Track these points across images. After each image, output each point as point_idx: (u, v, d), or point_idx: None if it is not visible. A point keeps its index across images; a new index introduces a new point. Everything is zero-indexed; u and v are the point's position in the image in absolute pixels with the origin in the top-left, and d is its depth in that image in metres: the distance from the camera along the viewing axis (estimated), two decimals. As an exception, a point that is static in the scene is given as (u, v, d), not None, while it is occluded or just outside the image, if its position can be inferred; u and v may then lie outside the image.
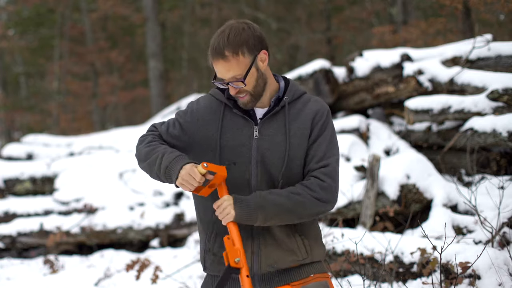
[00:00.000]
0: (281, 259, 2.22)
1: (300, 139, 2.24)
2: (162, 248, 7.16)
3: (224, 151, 2.23)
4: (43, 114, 20.43)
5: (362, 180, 5.59)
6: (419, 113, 5.95)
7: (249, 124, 2.25)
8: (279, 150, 2.22)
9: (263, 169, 2.22)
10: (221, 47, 2.17)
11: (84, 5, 18.31)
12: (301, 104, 2.30)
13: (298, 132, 2.24)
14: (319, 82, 7.27)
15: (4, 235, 7.65)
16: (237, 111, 2.25)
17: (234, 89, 2.20)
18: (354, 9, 17.39)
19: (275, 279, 2.24)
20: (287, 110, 2.26)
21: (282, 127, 2.24)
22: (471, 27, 8.36)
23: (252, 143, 2.23)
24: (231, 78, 2.18)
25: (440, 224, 4.72)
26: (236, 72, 2.17)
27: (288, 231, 2.23)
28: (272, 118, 2.26)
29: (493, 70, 5.93)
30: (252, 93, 2.22)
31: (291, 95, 2.29)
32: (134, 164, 8.13)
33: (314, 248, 2.29)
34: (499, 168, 5.39)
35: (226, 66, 2.17)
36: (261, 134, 2.24)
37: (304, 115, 2.27)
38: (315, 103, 2.31)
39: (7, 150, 9.30)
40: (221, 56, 2.17)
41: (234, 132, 2.24)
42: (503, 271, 3.65)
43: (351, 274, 4.57)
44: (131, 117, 21.15)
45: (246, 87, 2.20)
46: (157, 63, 15.33)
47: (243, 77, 2.17)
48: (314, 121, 2.27)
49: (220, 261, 2.25)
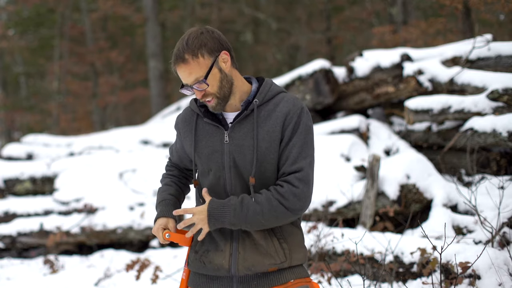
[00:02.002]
0: (259, 262, 2.23)
1: (269, 143, 2.22)
2: (162, 248, 7.16)
3: (201, 159, 2.31)
4: (43, 114, 20.43)
5: (362, 180, 5.59)
6: (419, 113, 5.95)
7: (219, 130, 2.28)
8: (248, 154, 2.23)
9: (236, 173, 2.24)
10: (181, 52, 2.21)
11: (84, 5, 18.31)
12: (272, 105, 2.27)
13: (267, 136, 2.22)
14: (319, 82, 7.27)
15: (4, 235, 7.65)
16: (207, 119, 2.29)
17: (200, 93, 2.22)
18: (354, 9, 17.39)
19: (253, 282, 2.25)
20: (255, 113, 2.25)
21: (250, 131, 2.24)
22: (471, 27, 8.36)
23: (224, 148, 2.25)
24: (193, 81, 2.21)
25: (440, 224, 4.72)
26: (197, 74, 2.20)
27: (266, 235, 2.25)
28: (241, 122, 2.27)
29: (493, 70, 5.94)
30: (217, 95, 2.24)
31: (262, 97, 2.27)
32: (134, 164, 8.13)
33: (293, 252, 2.28)
34: (499, 168, 5.39)
35: (187, 69, 2.21)
36: (231, 139, 2.25)
37: (274, 118, 2.24)
38: (286, 104, 2.26)
39: (7, 150, 9.30)
40: (182, 60, 2.21)
41: (207, 139, 2.30)
42: (503, 271, 3.65)
43: (351, 274, 4.57)
44: (131, 117, 21.15)
45: (210, 89, 2.22)
46: (157, 63, 15.33)
47: (204, 77, 2.20)
48: (285, 123, 2.22)
49: (201, 259, 2.29)
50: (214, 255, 2.25)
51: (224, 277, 2.27)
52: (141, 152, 8.65)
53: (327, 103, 7.34)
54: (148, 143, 9.27)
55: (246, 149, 2.23)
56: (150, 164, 7.93)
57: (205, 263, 2.27)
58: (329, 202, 5.57)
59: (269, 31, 19.81)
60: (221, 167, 2.25)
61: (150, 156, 8.18)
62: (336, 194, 5.60)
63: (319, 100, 7.31)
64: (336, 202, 5.57)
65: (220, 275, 2.27)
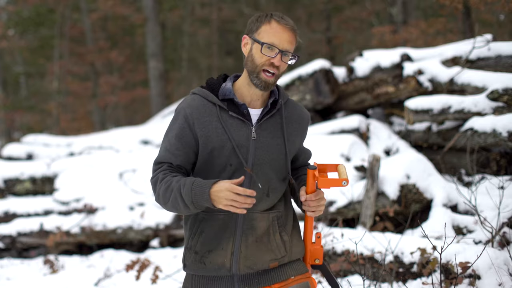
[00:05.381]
0: (260, 260, 2.24)
1: (291, 144, 2.33)
2: (162, 248, 7.15)
3: (222, 152, 2.21)
4: (43, 114, 20.42)
5: (362, 180, 5.59)
6: (419, 113, 5.95)
7: (246, 125, 2.25)
8: (275, 153, 2.26)
9: (258, 170, 2.24)
10: (291, 22, 2.25)
11: (84, 5, 18.30)
12: (291, 109, 2.37)
13: (290, 138, 2.32)
14: (319, 82, 7.27)
15: (4, 235, 7.65)
16: (233, 113, 2.24)
17: (280, 62, 2.21)
18: (354, 9, 17.40)
19: (255, 280, 2.26)
20: (283, 113, 2.30)
21: (278, 129, 2.28)
22: (471, 27, 8.36)
23: (250, 145, 2.23)
24: (289, 50, 2.22)
25: (440, 224, 4.72)
26: (292, 48, 2.24)
27: (269, 229, 2.26)
28: (268, 120, 2.28)
29: (493, 70, 5.94)
30: (277, 78, 2.26)
31: (284, 99, 2.35)
32: (134, 164, 8.13)
33: (293, 245, 2.31)
34: (499, 168, 5.39)
35: (291, 37, 2.23)
36: (259, 136, 2.25)
37: (296, 121, 2.36)
38: (302, 110, 2.43)
39: (7, 150, 9.30)
40: (291, 28, 2.23)
41: (232, 133, 2.22)
42: (503, 271, 3.65)
43: (351, 274, 4.57)
44: (131, 117, 21.15)
45: (281, 68, 2.24)
46: (157, 63, 15.33)
47: (296, 56, 2.24)
48: (304, 129, 2.41)
49: (201, 260, 2.26)
50: (215, 255, 2.24)
51: (225, 277, 2.27)
52: (141, 152, 8.65)
53: (327, 103, 7.34)
54: (148, 143, 9.27)
55: (274, 148, 2.26)
56: (150, 164, 7.92)
57: (206, 264, 2.26)
58: (329, 202, 5.57)
59: (269, 31, 19.77)
60: (245, 162, 2.22)
61: (150, 156, 8.17)
62: (336, 194, 5.60)
63: (319, 100, 7.31)
64: (336, 202, 5.57)
65: (221, 275, 2.26)
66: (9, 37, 19.31)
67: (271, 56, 2.18)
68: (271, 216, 2.27)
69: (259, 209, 2.25)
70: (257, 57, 2.20)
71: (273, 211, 2.28)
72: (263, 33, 2.20)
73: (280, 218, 2.30)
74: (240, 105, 2.25)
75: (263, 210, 2.26)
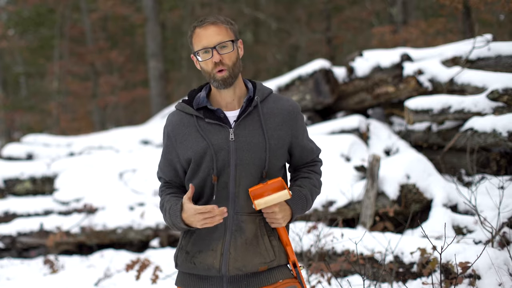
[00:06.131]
0: (249, 262, 2.24)
1: (277, 140, 2.29)
2: (162, 248, 7.16)
3: (206, 157, 2.26)
4: (43, 114, 20.42)
5: (362, 180, 5.59)
6: (419, 113, 5.95)
7: (223, 128, 2.27)
8: (257, 151, 2.25)
9: (242, 171, 2.25)
10: (212, 18, 2.26)
11: (84, 5, 18.30)
12: (272, 103, 2.34)
13: (275, 133, 2.29)
14: (319, 82, 7.27)
15: (4, 235, 7.65)
16: (209, 119, 2.28)
17: (219, 56, 2.22)
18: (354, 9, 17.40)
19: (243, 282, 2.27)
20: (260, 110, 2.29)
21: (258, 127, 2.27)
22: (471, 27, 8.36)
23: (230, 146, 2.24)
24: (219, 42, 2.23)
25: (440, 224, 4.72)
26: (224, 37, 2.24)
27: (258, 233, 2.27)
28: (245, 119, 2.28)
29: (493, 70, 5.94)
30: (231, 70, 2.25)
31: (261, 95, 2.33)
32: (134, 164, 8.13)
33: (281, 250, 2.32)
34: (499, 168, 5.39)
35: (216, 30, 2.23)
36: (237, 136, 2.25)
37: (279, 115, 2.31)
38: (286, 102, 2.36)
39: (7, 150, 9.30)
40: (213, 23, 2.25)
41: (210, 138, 2.26)
42: (503, 271, 3.65)
43: (351, 274, 4.57)
44: (131, 117, 21.14)
45: (227, 59, 2.24)
46: (157, 63, 15.32)
47: (232, 40, 2.25)
48: (292, 121, 2.33)
49: (192, 260, 2.28)
50: (205, 255, 2.26)
51: (214, 277, 2.28)
52: (141, 152, 8.65)
53: (327, 103, 7.34)
54: (148, 143, 9.26)
55: (255, 146, 2.25)
56: (150, 164, 7.92)
57: (196, 264, 2.28)
58: (329, 202, 5.57)
59: (269, 31, 19.81)
60: (226, 165, 2.24)
61: (150, 156, 8.18)
62: (336, 194, 5.60)
63: (319, 100, 7.31)
64: (336, 202, 5.57)
65: (211, 275, 2.28)
66: (9, 37, 19.31)
67: (209, 58, 2.24)
68: (258, 219, 2.28)
69: (246, 211, 2.26)
70: (203, 66, 2.27)
71: (260, 213, 2.29)
72: (195, 44, 2.27)
73: None
74: (215, 110, 2.29)
75: (250, 212, 2.26)
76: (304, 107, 7.47)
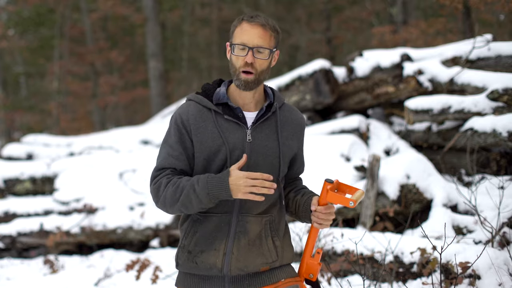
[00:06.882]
0: (251, 263, 2.25)
1: (287, 147, 2.33)
2: (162, 248, 7.16)
3: (219, 155, 2.24)
4: (43, 114, 20.42)
5: (362, 180, 5.59)
6: (419, 113, 5.95)
7: (241, 128, 2.27)
8: (271, 156, 2.28)
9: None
10: (262, 19, 2.24)
11: (84, 5, 18.31)
12: (287, 112, 2.37)
13: (286, 141, 2.32)
14: (319, 82, 7.27)
15: (4, 235, 7.65)
16: (228, 116, 2.27)
17: (252, 58, 2.21)
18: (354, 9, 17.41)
19: (245, 282, 2.28)
20: (278, 116, 2.32)
21: (273, 133, 2.30)
22: (471, 27, 8.36)
23: (246, 147, 2.25)
24: (259, 45, 2.22)
25: (440, 224, 4.72)
26: (265, 43, 2.22)
27: (262, 233, 2.28)
28: (263, 122, 2.30)
29: (493, 70, 5.94)
30: (258, 75, 2.24)
31: (279, 102, 2.36)
32: (134, 164, 8.13)
33: (284, 250, 2.34)
34: (499, 168, 5.39)
35: (261, 33, 2.22)
36: (254, 138, 2.27)
37: (292, 125, 2.36)
38: (298, 114, 2.41)
39: (7, 150, 9.30)
40: (262, 24, 2.23)
41: (226, 136, 2.25)
42: (503, 271, 3.65)
43: (351, 274, 4.57)
44: (131, 117, 21.15)
45: (259, 64, 2.23)
46: (157, 63, 15.33)
47: (271, 49, 2.23)
48: (301, 133, 2.40)
49: (193, 259, 2.28)
50: (208, 255, 2.26)
51: (215, 277, 2.29)
52: (141, 152, 8.65)
53: (327, 103, 7.34)
54: (148, 143, 9.27)
55: (270, 150, 2.28)
56: (150, 164, 7.92)
57: (198, 263, 2.28)
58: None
59: (269, 31, 19.77)
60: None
61: (150, 156, 8.17)
62: (336, 194, 5.59)
63: (319, 100, 7.31)
64: (336, 202, 5.56)
65: (212, 275, 2.28)
66: (9, 37, 19.31)
67: (243, 55, 2.22)
68: (264, 220, 2.29)
69: (253, 213, 2.26)
70: (233, 59, 2.25)
71: (266, 215, 2.29)
72: (235, 36, 2.25)
73: (273, 222, 2.31)
74: (235, 108, 2.28)
75: (256, 214, 2.27)
76: (304, 107, 7.47)
